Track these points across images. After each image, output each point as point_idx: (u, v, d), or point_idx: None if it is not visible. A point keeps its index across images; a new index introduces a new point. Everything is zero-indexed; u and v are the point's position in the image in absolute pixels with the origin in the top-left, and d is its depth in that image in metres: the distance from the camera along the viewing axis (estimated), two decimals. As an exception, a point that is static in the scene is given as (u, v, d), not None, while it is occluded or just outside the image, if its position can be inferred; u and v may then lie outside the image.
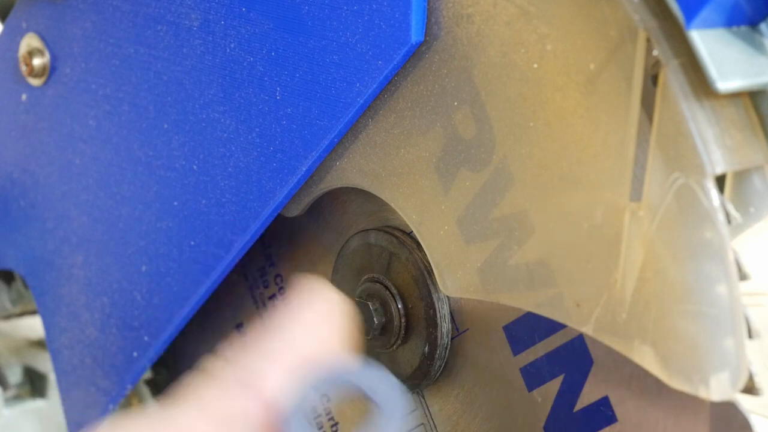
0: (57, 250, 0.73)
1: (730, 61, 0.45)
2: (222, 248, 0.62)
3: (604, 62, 0.46)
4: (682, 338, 0.45)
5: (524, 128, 0.50)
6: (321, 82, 0.56)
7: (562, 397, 0.56)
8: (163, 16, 0.63)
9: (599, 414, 0.54)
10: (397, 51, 0.53)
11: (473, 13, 0.51)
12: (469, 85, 0.52)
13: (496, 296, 0.53)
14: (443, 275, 0.55)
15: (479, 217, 0.52)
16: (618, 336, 0.47)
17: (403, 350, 0.61)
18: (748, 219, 0.49)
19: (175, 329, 0.66)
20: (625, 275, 0.47)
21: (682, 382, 0.46)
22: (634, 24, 0.45)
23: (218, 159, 0.61)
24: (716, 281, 0.44)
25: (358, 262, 0.63)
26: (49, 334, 0.75)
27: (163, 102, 0.64)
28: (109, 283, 0.69)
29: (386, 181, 0.57)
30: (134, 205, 0.67)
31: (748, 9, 0.47)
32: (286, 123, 0.58)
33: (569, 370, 0.55)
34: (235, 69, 0.60)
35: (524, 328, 0.57)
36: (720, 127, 0.45)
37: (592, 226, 0.48)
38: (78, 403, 0.73)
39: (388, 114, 0.56)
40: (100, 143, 0.68)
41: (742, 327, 0.44)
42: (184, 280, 0.65)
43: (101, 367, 0.71)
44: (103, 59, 0.67)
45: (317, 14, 0.55)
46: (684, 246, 0.45)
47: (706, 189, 0.44)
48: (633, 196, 0.46)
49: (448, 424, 0.62)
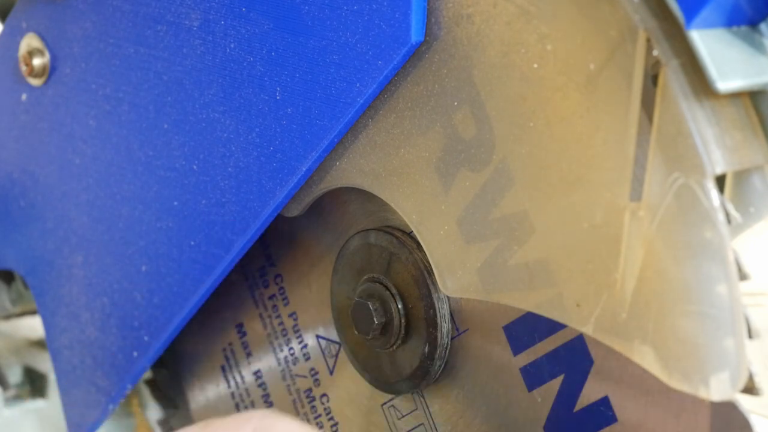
0: (57, 250, 0.72)
1: (730, 61, 0.45)
2: (222, 248, 0.62)
3: (604, 62, 0.46)
4: (682, 338, 0.45)
5: (524, 128, 0.50)
6: (321, 82, 0.56)
7: (562, 397, 0.56)
8: (163, 16, 0.63)
9: (599, 414, 0.54)
10: (397, 51, 0.53)
11: (473, 13, 0.51)
12: (469, 85, 0.52)
13: (496, 296, 0.53)
14: (443, 275, 0.55)
15: (479, 217, 0.52)
16: (618, 336, 0.47)
17: (403, 350, 0.61)
18: (748, 219, 0.49)
19: (175, 329, 0.66)
20: (625, 275, 0.47)
21: (682, 382, 0.46)
22: (634, 24, 0.45)
23: (218, 159, 0.61)
24: (716, 281, 0.44)
25: (358, 262, 0.63)
26: (49, 334, 0.75)
27: (163, 102, 0.64)
28: (109, 283, 0.69)
29: (386, 181, 0.57)
30: (134, 205, 0.67)
31: (748, 9, 0.46)
32: (286, 123, 0.58)
33: (569, 370, 0.55)
34: (235, 69, 0.60)
35: (524, 328, 0.57)
36: (720, 127, 0.45)
37: (592, 226, 0.48)
38: (78, 403, 0.73)
39: (388, 114, 0.56)
40: (100, 143, 0.68)
41: (742, 327, 0.44)
42: (184, 280, 0.65)
43: (101, 367, 0.71)
44: (103, 59, 0.67)
45: (317, 14, 0.55)
46: (684, 246, 0.45)
47: (706, 189, 0.44)
48: (633, 196, 0.46)
49: (448, 424, 0.62)
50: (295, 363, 0.70)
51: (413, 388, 0.62)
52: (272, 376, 0.72)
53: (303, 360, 0.70)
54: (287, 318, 0.70)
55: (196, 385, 0.77)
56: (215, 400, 0.76)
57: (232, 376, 0.74)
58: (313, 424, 0.70)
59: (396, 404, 0.65)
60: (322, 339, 0.68)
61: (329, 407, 0.69)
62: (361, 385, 0.66)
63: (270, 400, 0.72)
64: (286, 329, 0.70)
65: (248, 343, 0.73)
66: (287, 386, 0.71)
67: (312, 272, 0.68)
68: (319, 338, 0.69)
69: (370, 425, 0.66)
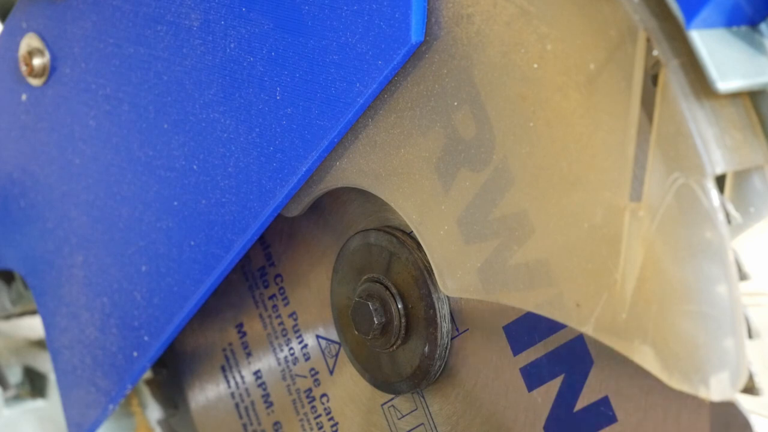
0: (57, 250, 0.73)
1: (730, 61, 0.45)
2: (222, 248, 0.62)
3: (604, 62, 0.46)
4: (682, 338, 0.45)
5: (524, 128, 0.50)
6: (321, 82, 0.56)
7: (562, 397, 0.56)
8: (163, 16, 0.63)
9: (599, 414, 0.54)
10: (397, 51, 0.53)
11: (473, 13, 0.51)
12: (469, 85, 0.52)
13: (496, 296, 0.53)
14: (443, 275, 0.55)
15: (479, 217, 0.52)
16: (618, 336, 0.47)
17: (403, 350, 0.61)
18: (748, 219, 0.49)
19: (175, 329, 0.66)
20: (625, 275, 0.47)
21: (682, 382, 0.46)
22: (634, 24, 0.45)
23: (218, 159, 0.61)
24: (716, 281, 0.44)
25: (358, 262, 0.63)
26: (49, 334, 0.75)
27: (163, 102, 0.64)
28: (109, 283, 0.69)
29: (386, 181, 0.57)
30: (134, 205, 0.67)
31: (748, 9, 0.47)
32: (286, 123, 0.58)
33: (569, 370, 0.55)
34: (235, 69, 0.60)
35: (524, 328, 0.57)
36: (720, 127, 0.45)
37: (592, 226, 0.48)
38: (78, 403, 0.73)
39: (388, 114, 0.56)
40: (100, 143, 0.68)
41: (742, 327, 0.44)
42: (184, 280, 0.65)
43: (101, 367, 0.71)
44: (103, 59, 0.67)
45: (317, 14, 0.55)
46: (684, 246, 0.45)
47: (706, 189, 0.44)
48: (633, 196, 0.46)
49: (448, 424, 0.62)
50: (295, 363, 0.70)
51: (413, 388, 0.62)
52: (272, 376, 0.72)
53: (303, 360, 0.70)
54: (287, 318, 0.70)
55: (196, 385, 0.77)
56: (215, 400, 0.76)
57: (232, 376, 0.74)
58: (313, 424, 0.70)
59: (396, 404, 0.65)
60: (322, 339, 0.68)
61: (329, 407, 0.69)
62: (361, 385, 0.66)
63: (270, 400, 0.72)
64: (286, 329, 0.70)
65: (248, 343, 0.73)
66: (287, 386, 0.71)
67: (312, 272, 0.68)
68: (319, 338, 0.69)
69: (370, 425, 0.66)
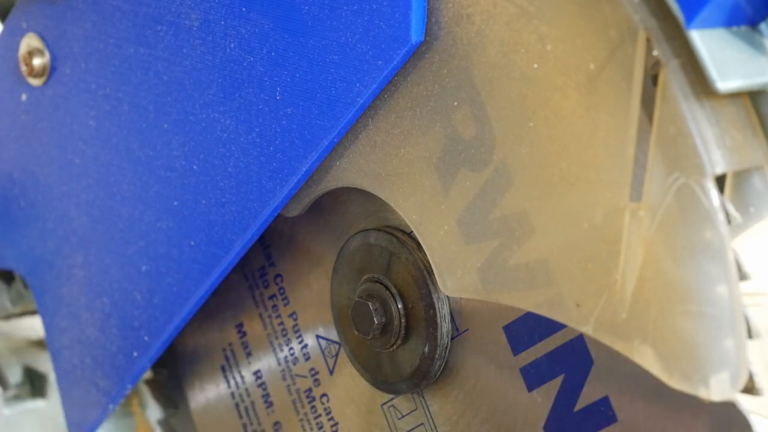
0: (57, 250, 0.73)
1: (730, 61, 0.45)
2: (222, 248, 0.62)
3: (604, 62, 0.46)
4: (682, 338, 0.45)
5: (524, 128, 0.50)
6: (321, 82, 0.56)
7: (562, 397, 0.56)
8: (163, 16, 0.63)
9: (599, 414, 0.54)
10: (397, 51, 0.53)
11: (473, 13, 0.51)
12: (469, 85, 0.52)
13: (496, 296, 0.53)
14: (443, 275, 0.55)
15: (479, 217, 0.52)
16: (618, 336, 0.47)
17: (403, 350, 0.61)
18: (748, 219, 0.49)
19: (175, 329, 0.66)
20: (625, 275, 0.47)
21: (682, 382, 0.46)
22: (634, 24, 0.45)
23: (218, 159, 0.61)
24: (716, 281, 0.44)
25: (358, 262, 0.63)
26: (49, 334, 0.75)
27: (163, 102, 0.64)
28: (109, 283, 0.69)
29: (386, 181, 0.57)
30: (134, 205, 0.67)
31: (748, 9, 0.46)
32: (286, 123, 0.58)
33: (569, 370, 0.55)
34: (235, 69, 0.60)
35: (524, 328, 0.57)
36: (720, 127, 0.45)
37: (592, 226, 0.48)
38: (78, 403, 0.73)
39: (388, 114, 0.56)
40: (100, 143, 0.68)
41: (742, 327, 0.44)
42: (184, 280, 0.65)
43: (101, 367, 0.71)
44: (103, 59, 0.67)
45: (317, 14, 0.55)
46: (684, 246, 0.45)
47: (706, 189, 0.44)
48: (633, 196, 0.46)
49: (448, 424, 0.62)
50: (295, 363, 0.70)
51: (413, 388, 0.62)
52: (272, 376, 0.72)
53: (303, 360, 0.70)
54: (287, 318, 0.70)
55: (196, 385, 0.77)
56: (215, 400, 0.76)
57: (232, 376, 0.74)
58: (313, 424, 0.70)
59: (396, 404, 0.65)
60: (322, 339, 0.68)
61: (329, 407, 0.69)
62: (361, 385, 0.66)
63: (270, 400, 0.72)
64: (286, 329, 0.70)
65: (248, 343, 0.73)
66: (287, 386, 0.71)
67: (312, 272, 0.68)
68: (319, 338, 0.69)
69: (370, 425, 0.66)
